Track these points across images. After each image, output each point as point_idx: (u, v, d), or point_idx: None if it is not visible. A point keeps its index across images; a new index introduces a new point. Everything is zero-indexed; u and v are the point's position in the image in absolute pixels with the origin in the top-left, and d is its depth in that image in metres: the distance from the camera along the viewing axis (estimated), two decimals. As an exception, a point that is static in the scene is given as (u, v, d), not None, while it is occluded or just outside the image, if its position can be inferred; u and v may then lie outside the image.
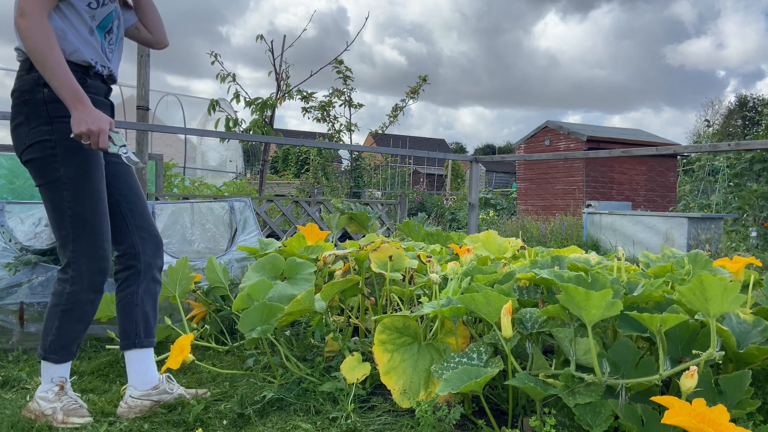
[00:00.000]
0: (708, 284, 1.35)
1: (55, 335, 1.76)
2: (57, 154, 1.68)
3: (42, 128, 1.68)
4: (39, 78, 1.66)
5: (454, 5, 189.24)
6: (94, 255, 1.75)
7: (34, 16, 1.56)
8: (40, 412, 1.76)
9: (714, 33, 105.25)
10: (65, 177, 1.69)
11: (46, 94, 1.67)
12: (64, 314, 1.75)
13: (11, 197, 5.15)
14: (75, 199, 1.70)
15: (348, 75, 8.07)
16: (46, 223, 2.73)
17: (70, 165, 1.70)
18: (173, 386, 1.94)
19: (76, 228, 1.72)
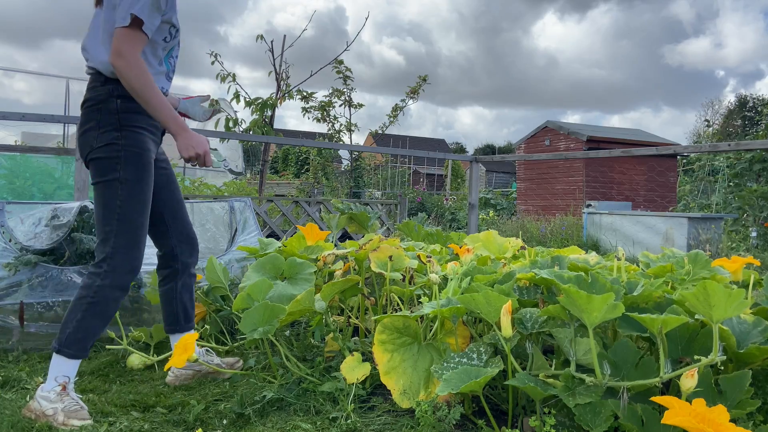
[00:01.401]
0: (712, 291, 1.35)
1: (75, 327, 1.83)
2: (121, 157, 1.85)
3: (112, 133, 1.84)
4: (113, 90, 1.85)
5: (453, 5, 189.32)
6: (130, 254, 1.87)
7: (132, 57, 1.76)
8: (40, 411, 1.77)
9: (713, 33, 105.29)
10: (123, 178, 1.85)
11: (120, 105, 1.85)
12: (89, 307, 1.83)
13: (11, 197, 5.15)
14: (127, 199, 1.85)
15: (348, 75, 8.07)
16: (46, 223, 2.73)
17: (131, 168, 1.86)
18: (212, 357, 2.24)
19: (121, 225, 1.85)
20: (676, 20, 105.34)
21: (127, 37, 1.76)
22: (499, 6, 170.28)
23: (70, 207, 2.76)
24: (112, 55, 1.75)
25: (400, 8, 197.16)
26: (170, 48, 2.01)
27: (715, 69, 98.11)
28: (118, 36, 1.76)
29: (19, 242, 2.68)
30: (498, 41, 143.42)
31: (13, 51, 78.04)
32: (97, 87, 1.87)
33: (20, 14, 79.69)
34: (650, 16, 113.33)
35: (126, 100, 1.85)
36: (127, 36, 1.76)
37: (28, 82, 72.79)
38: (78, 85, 11.97)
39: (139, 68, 1.76)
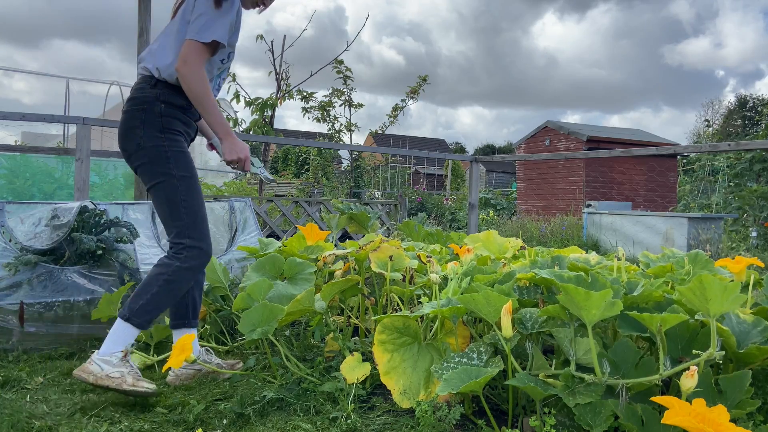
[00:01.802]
0: (708, 284, 1.35)
1: (148, 300, 1.95)
2: (170, 157, 2.00)
3: (156, 135, 1.99)
4: (160, 95, 2.00)
5: (452, 5, 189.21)
6: (204, 242, 2.05)
7: (196, 66, 1.93)
8: (102, 374, 1.85)
9: (712, 32, 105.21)
10: (179, 175, 2.00)
11: (163, 109, 2.00)
12: (165, 283, 1.97)
13: (11, 197, 5.15)
14: (187, 191, 2.01)
15: (348, 75, 8.07)
16: (46, 223, 2.73)
17: (181, 165, 2.01)
18: (211, 357, 2.24)
19: (190, 218, 2.01)
20: (676, 20, 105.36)
21: (197, 49, 1.93)
22: (499, 6, 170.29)
23: (70, 207, 2.76)
24: (180, 61, 1.92)
25: (399, 8, 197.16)
26: (222, 70, 2.18)
27: (715, 69, 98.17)
28: (188, 46, 1.93)
29: (19, 242, 2.68)
30: (498, 41, 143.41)
31: (13, 51, 78.17)
32: (145, 89, 2.02)
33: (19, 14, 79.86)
34: (650, 16, 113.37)
35: (169, 106, 2.00)
36: (196, 48, 1.93)
37: (27, 82, 72.78)
38: (78, 85, 11.96)
39: (202, 76, 1.93)
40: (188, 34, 1.94)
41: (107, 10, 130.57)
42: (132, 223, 2.87)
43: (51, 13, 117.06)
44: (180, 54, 1.93)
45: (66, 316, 2.55)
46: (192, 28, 1.94)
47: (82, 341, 2.59)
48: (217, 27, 1.95)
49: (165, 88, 2.01)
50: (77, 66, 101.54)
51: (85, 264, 2.69)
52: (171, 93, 2.01)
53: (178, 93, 2.02)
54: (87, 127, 3.60)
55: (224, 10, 1.96)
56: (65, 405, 1.91)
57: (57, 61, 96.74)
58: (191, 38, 1.93)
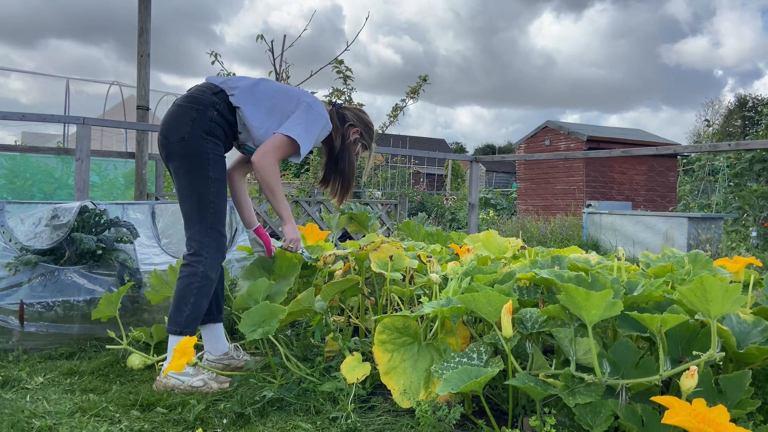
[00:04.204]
0: (709, 285, 1.35)
1: (191, 309, 2.09)
2: (210, 159, 2.12)
3: (202, 135, 2.11)
4: (217, 104, 2.14)
5: (449, 4, 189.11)
6: (221, 241, 2.18)
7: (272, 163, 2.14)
8: (186, 386, 2.03)
9: (710, 32, 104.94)
10: (214, 177, 2.13)
11: (215, 116, 2.13)
12: (199, 290, 2.09)
13: (11, 197, 5.15)
14: (217, 194, 2.14)
15: (348, 75, 8.07)
16: (46, 223, 2.73)
17: (218, 170, 2.15)
18: (240, 353, 2.36)
19: (215, 218, 2.14)
20: (673, 19, 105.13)
21: (282, 147, 2.15)
22: (496, 5, 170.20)
23: (70, 207, 2.76)
24: (259, 153, 2.12)
25: (396, 7, 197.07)
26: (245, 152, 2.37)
27: (713, 68, 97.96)
28: (275, 140, 2.14)
29: (19, 242, 2.68)
30: (495, 40, 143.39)
31: (8, 50, 77.85)
32: (206, 93, 2.16)
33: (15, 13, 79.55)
34: (646, 15, 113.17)
35: (221, 116, 2.14)
36: (282, 146, 2.15)
37: (24, 82, 72.63)
38: (78, 85, 11.96)
39: (275, 173, 2.15)
40: (283, 128, 2.15)
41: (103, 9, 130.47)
42: (132, 223, 2.87)
43: (47, 12, 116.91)
44: (264, 145, 2.14)
45: (66, 316, 2.55)
46: (289, 123, 2.17)
47: (82, 341, 2.59)
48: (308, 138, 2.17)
49: (224, 101, 2.16)
50: (74, 65, 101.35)
51: (85, 264, 2.69)
52: (227, 108, 2.16)
53: (231, 112, 2.18)
54: (87, 127, 3.60)
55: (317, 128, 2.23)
56: (65, 405, 1.91)
57: (53, 60, 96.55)
58: (284, 134, 2.13)
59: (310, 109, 2.22)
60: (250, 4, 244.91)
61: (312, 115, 2.22)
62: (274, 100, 2.23)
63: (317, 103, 2.28)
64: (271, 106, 2.21)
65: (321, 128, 2.25)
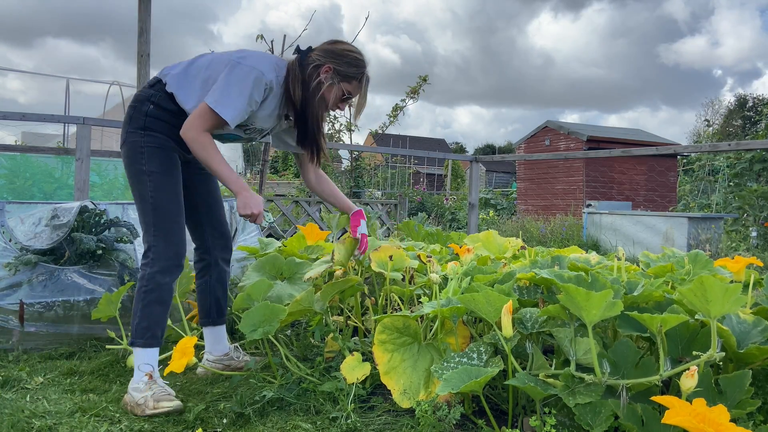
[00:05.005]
0: (709, 286, 1.35)
1: (140, 317, 1.96)
2: (144, 152, 1.98)
3: (138, 132, 1.99)
4: (152, 96, 2.01)
5: (447, 4, 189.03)
6: (169, 240, 1.98)
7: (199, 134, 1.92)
8: (134, 402, 1.88)
9: (708, 31, 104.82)
10: (149, 170, 1.97)
11: (150, 110, 1.99)
12: (145, 295, 1.96)
13: (11, 197, 5.15)
14: (156, 189, 1.97)
15: (348, 75, 8.05)
16: (46, 223, 2.73)
17: (154, 162, 1.98)
18: (239, 354, 2.33)
19: (156, 215, 1.97)
20: (671, 19, 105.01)
21: (204, 116, 1.91)
22: (494, 5, 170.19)
23: (70, 207, 2.76)
24: (184, 126, 1.92)
25: (395, 7, 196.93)
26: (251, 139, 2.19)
27: (712, 68, 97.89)
28: (198, 109, 1.92)
29: (19, 242, 2.68)
30: (494, 40, 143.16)
31: (6, 49, 77.79)
32: (145, 87, 2.04)
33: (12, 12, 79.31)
34: (644, 15, 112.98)
35: (158, 108, 1.99)
36: (203, 114, 1.91)
37: (22, 81, 72.50)
38: (77, 85, 11.97)
39: (204, 144, 1.92)
40: (207, 97, 1.92)
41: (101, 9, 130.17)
42: (132, 223, 2.87)
43: (44, 11, 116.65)
44: (189, 117, 1.93)
45: (66, 315, 2.55)
46: (212, 93, 1.92)
47: (82, 341, 2.59)
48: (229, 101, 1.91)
49: (162, 91, 2.00)
50: (72, 65, 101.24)
51: (85, 264, 2.69)
52: (166, 97, 1.99)
53: (173, 100, 2.00)
54: (87, 126, 3.60)
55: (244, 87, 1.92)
56: (65, 405, 1.91)
57: (51, 60, 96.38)
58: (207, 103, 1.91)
59: (235, 66, 1.93)
60: (247, 4, 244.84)
61: (236, 72, 1.92)
62: (208, 71, 2.00)
63: (251, 57, 1.98)
64: (205, 78, 1.99)
65: (251, 85, 1.92)
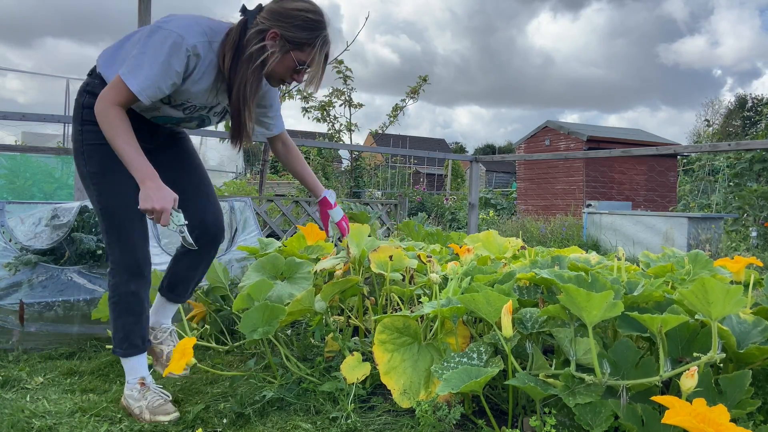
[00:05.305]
0: (710, 287, 1.34)
1: (114, 328, 1.89)
2: (84, 152, 1.80)
3: (76, 128, 1.81)
4: (88, 84, 1.82)
5: (445, 4, 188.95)
6: (125, 247, 1.82)
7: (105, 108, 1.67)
8: (130, 409, 1.85)
9: (708, 31, 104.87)
10: (89, 172, 1.80)
11: (86, 100, 1.80)
12: (114, 306, 1.87)
13: (11, 197, 5.15)
14: (100, 192, 1.80)
15: (348, 75, 8.07)
16: (46, 223, 2.73)
17: (94, 162, 1.80)
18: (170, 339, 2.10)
19: (107, 221, 1.81)
20: (671, 19, 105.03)
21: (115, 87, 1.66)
22: (493, 5, 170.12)
23: (70, 207, 2.76)
24: (97, 98, 1.68)
25: (394, 6, 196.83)
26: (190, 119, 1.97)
27: (712, 68, 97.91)
28: (112, 81, 1.68)
29: (19, 242, 2.68)
30: (493, 40, 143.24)
31: (5, 49, 77.70)
32: (85, 79, 1.86)
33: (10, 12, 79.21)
34: (644, 14, 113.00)
35: (93, 97, 1.74)
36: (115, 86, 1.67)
37: (21, 81, 72.45)
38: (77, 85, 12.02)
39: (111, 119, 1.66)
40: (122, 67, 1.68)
41: (99, 8, 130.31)
42: (132, 223, 2.87)
43: (42, 11, 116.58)
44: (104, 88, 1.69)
45: (66, 315, 2.55)
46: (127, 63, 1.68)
47: (82, 341, 2.59)
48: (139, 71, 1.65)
49: (98, 77, 1.80)
50: (71, 65, 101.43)
51: (85, 264, 2.69)
52: (100, 84, 1.77)
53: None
54: (87, 126, 3.59)
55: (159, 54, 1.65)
56: (65, 405, 1.91)
57: (50, 60, 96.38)
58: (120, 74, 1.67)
59: (154, 32, 1.67)
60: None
61: (154, 39, 1.66)
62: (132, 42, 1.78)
63: (175, 20, 1.70)
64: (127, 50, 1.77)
65: (167, 52, 1.65)
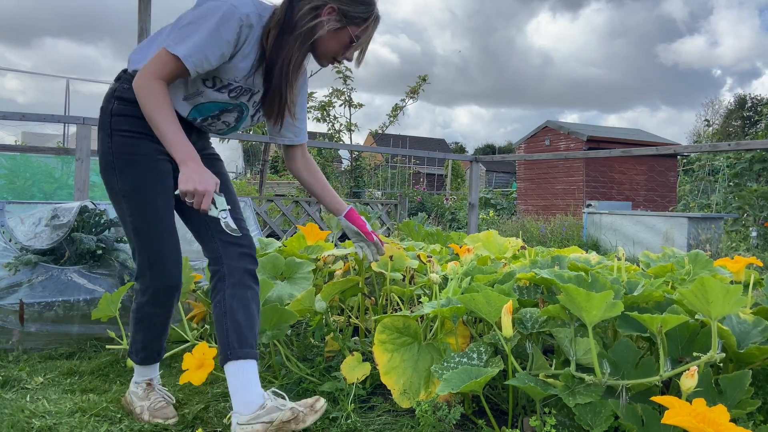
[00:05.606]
0: (710, 287, 1.35)
1: (133, 337, 1.86)
2: (116, 167, 1.66)
3: (104, 139, 1.68)
4: (117, 89, 1.68)
5: (445, 4, 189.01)
6: (157, 271, 1.70)
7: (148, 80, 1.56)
8: (132, 407, 1.85)
9: (707, 31, 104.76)
10: (123, 191, 1.66)
11: (115, 107, 1.67)
12: (136, 322, 1.82)
13: (11, 197, 5.15)
14: (133, 212, 1.67)
15: (348, 75, 8.08)
16: (46, 223, 2.73)
17: (128, 178, 1.66)
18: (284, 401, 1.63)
19: (139, 241, 1.69)
20: (670, 19, 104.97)
21: (159, 60, 1.57)
22: (492, 5, 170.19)
23: (70, 207, 2.76)
24: (137, 73, 1.59)
25: (393, 6, 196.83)
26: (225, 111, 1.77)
27: (711, 68, 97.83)
28: (155, 54, 1.58)
29: (19, 242, 2.68)
30: (492, 40, 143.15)
31: (4, 49, 77.62)
32: (111, 84, 1.72)
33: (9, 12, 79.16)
34: (643, 14, 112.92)
35: (122, 103, 1.66)
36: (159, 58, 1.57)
37: (21, 81, 72.40)
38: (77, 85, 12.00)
39: (152, 91, 1.55)
40: (164, 41, 1.60)
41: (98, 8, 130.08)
42: (132, 223, 2.87)
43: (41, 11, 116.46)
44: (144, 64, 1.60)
45: (66, 316, 2.55)
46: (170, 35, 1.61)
47: (82, 341, 2.59)
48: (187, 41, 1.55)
49: (123, 82, 1.68)
50: (70, 65, 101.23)
51: (85, 264, 2.69)
52: (129, 88, 1.64)
53: None
54: (87, 126, 3.60)
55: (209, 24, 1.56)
56: (65, 405, 1.91)
57: (49, 59, 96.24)
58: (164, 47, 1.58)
59: (202, 3, 1.59)
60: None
61: (202, 8, 1.57)
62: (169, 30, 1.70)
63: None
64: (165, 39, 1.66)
65: (218, 19, 1.55)
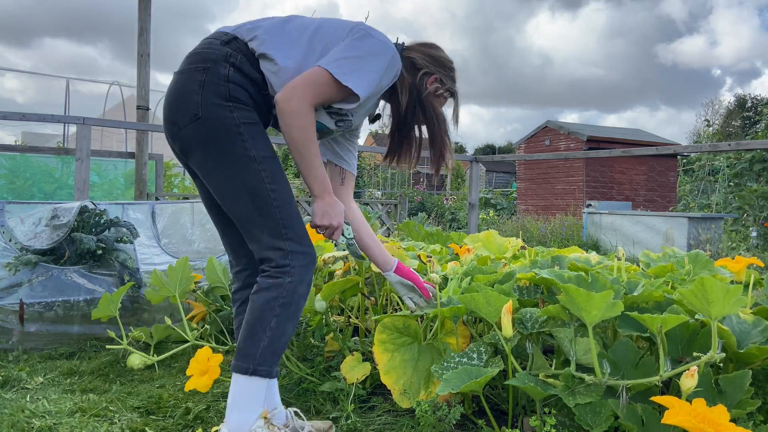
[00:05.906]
0: (710, 287, 1.35)
1: (270, 337, 1.49)
2: (243, 133, 1.49)
3: (220, 103, 1.49)
4: (230, 56, 1.51)
5: (444, 4, 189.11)
6: (302, 241, 1.56)
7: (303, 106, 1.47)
8: None
9: (707, 31, 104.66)
10: (258, 157, 1.50)
11: (231, 74, 1.50)
12: (283, 309, 1.50)
13: (11, 197, 5.15)
14: (273, 180, 1.51)
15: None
16: (46, 223, 2.73)
17: (260, 144, 1.52)
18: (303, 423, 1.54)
19: (282, 213, 1.52)
20: (669, 18, 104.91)
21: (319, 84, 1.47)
22: (492, 5, 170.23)
23: (70, 207, 2.76)
24: (286, 89, 1.47)
25: (392, 6, 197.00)
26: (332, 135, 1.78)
27: (711, 68, 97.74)
28: (310, 73, 1.48)
29: (19, 242, 2.68)
30: (492, 40, 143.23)
31: (3, 49, 77.70)
32: (214, 45, 1.54)
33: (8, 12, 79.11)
34: (643, 14, 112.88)
35: (238, 72, 1.51)
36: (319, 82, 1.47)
37: (20, 81, 72.45)
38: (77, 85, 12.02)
39: (304, 122, 1.46)
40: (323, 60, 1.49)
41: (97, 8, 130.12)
42: (132, 223, 2.87)
43: (40, 11, 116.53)
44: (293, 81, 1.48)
45: (66, 315, 2.55)
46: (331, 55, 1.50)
47: (82, 341, 2.59)
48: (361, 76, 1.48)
49: (240, 51, 1.53)
50: (69, 65, 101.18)
51: (85, 264, 2.69)
52: (247, 61, 1.53)
53: (255, 66, 1.55)
54: (87, 127, 3.60)
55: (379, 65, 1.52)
56: (65, 405, 1.91)
57: (48, 59, 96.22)
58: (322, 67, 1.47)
59: (365, 37, 1.53)
60: (245, 4, 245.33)
61: (369, 43, 1.52)
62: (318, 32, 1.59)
63: (377, 31, 1.57)
64: (311, 37, 1.57)
65: (386, 64, 1.53)
